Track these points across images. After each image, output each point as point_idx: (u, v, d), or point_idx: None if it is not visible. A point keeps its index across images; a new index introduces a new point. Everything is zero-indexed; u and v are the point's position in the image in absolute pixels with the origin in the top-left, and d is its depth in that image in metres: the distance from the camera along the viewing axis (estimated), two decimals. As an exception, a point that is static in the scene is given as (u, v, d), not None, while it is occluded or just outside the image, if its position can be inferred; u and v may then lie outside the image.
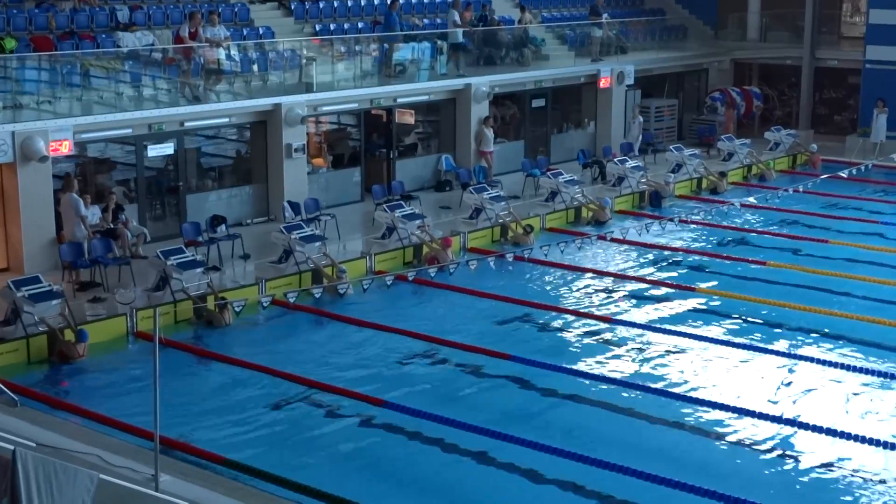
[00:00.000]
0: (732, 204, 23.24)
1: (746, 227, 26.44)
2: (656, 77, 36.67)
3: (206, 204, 24.42)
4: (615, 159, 30.33)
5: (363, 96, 27.61)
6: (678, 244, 24.93)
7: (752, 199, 25.00)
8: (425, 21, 31.47)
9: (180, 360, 17.46)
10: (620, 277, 22.51)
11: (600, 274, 22.68)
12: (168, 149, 23.99)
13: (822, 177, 26.05)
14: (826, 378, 17.34)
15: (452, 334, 18.80)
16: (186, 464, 13.65)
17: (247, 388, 16.69)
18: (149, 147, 23.62)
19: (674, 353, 18.44)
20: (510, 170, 30.16)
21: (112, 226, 21.58)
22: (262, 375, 17.00)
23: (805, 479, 14.14)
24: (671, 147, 32.36)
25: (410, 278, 20.08)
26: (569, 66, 33.54)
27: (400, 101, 28.73)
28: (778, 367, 17.77)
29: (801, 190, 24.74)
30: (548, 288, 21.98)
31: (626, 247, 24.23)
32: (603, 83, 33.22)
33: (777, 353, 18.33)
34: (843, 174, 25.12)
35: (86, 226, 20.85)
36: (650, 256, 24.08)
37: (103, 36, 24.70)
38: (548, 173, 28.36)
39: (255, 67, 26.77)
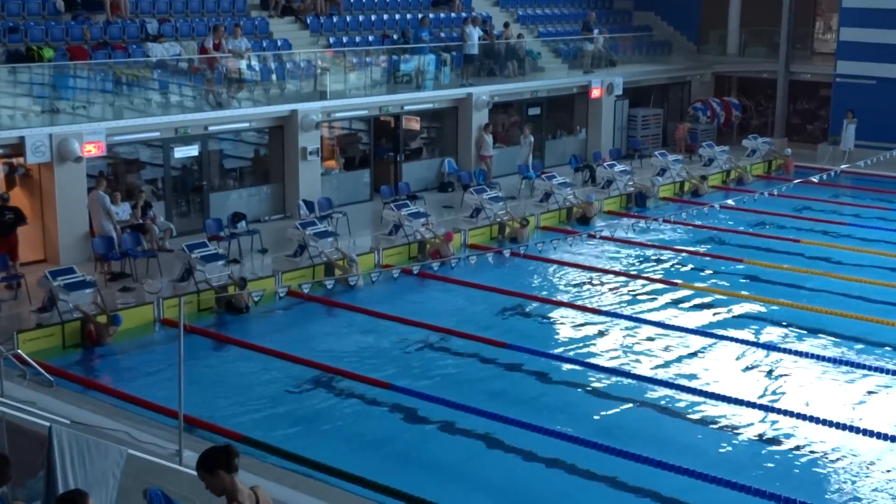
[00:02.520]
0: (712, 206, 23.17)
1: (724, 227, 26.40)
2: (643, 88, 36.63)
3: (227, 202, 24.43)
4: (605, 164, 30.38)
5: (373, 104, 27.62)
6: (662, 242, 24.88)
7: (730, 202, 25.00)
8: (425, 33, 31.34)
9: (203, 345, 17.46)
10: (608, 272, 22.49)
11: (590, 269, 22.66)
12: (193, 151, 24.00)
13: (795, 181, 26.01)
14: (802, 367, 17.33)
15: (454, 324, 18.78)
16: (208, 440, 13.64)
17: (263, 371, 16.69)
18: (175, 149, 23.62)
19: (657, 342, 18.43)
20: (507, 172, 30.13)
21: (141, 221, 21.58)
22: (278, 360, 16.99)
23: (781, 460, 14.15)
24: (656, 153, 32.36)
25: (415, 271, 20.07)
26: (562, 78, 33.53)
27: (406, 108, 28.74)
28: (748, 356, 17.79)
29: (775, 193, 24.72)
30: (542, 281, 21.97)
31: (613, 244, 24.19)
32: (594, 94, 33.22)
33: (747, 342, 18.36)
34: (815, 179, 25.11)
35: (113, 221, 20.85)
36: (636, 253, 24.05)
37: (134, 46, 24.67)
38: (542, 176, 28.40)
39: (274, 76, 26.76)
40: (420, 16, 31.43)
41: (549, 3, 37.77)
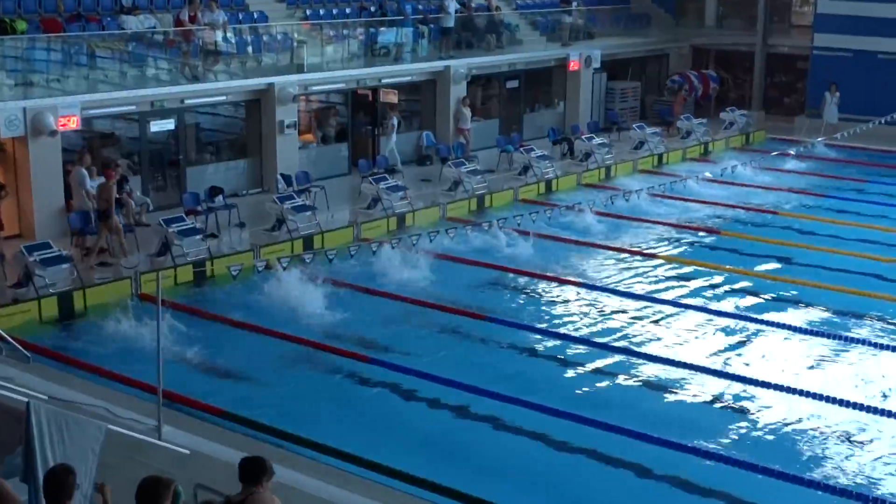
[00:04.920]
0: (691, 178, 23.28)
1: (706, 199, 26.43)
2: (621, 61, 36.55)
3: (204, 176, 24.25)
4: (583, 136, 30.35)
5: (350, 77, 27.46)
6: (641, 214, 24.90)
7: (708, 174, 25.06)
8: (408, 6, 31.17)
9: (180, 320, 17.34)
10: (587, 245, 22.51)
11: (569, 242, 22.66)
12: (169, 125, 23.78)
13: (773, 154, 26.08)
14: (778, 338, 17.44)
15: (432, 297, 18.77)
16: (187, 415, 13.61)
17: (242, 345, 16.64)
18: (151, 123, 23.40)
19: (634, 313, 18.49)
20: (486, 146, 30.06)
21: (117, 196, 21.39)
22: (257, 334, 16.96)
23: (752, 428, 14.26)
24: (634, 126, 32.36)
25: (394, 245, 20.03)
26: (540, 51, 33.40)
27: (384, 81, 28.59)
28: (731, 328, 17.88)
29: (754, 166, 24.79)
30: (520, 254, 21.92)
31: (593, 216, 24.17)
32: (572, 66, 33.12)
33: (729, 314, 18.44)
34: (792, 151, 25.19)
35: (90, 198, 20.66)
36: (615, 225, 24.06)
37: (108, 18, 24.39)
38: (520, 149, 28.35)
39: (250, 49, 26.52)
40: (397, -12, 31.25)
41: (526, -24, 37.59)
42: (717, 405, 14.98)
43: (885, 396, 15.16)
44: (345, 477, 12.01)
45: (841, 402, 14.66)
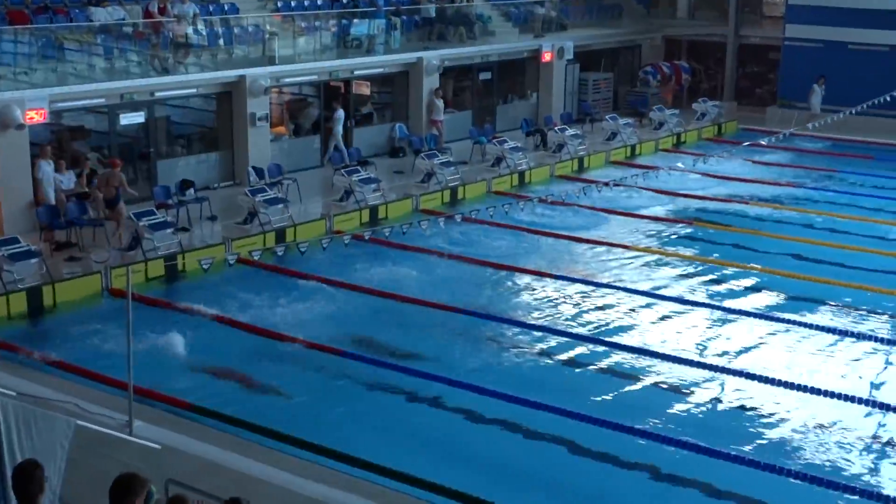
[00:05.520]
0: (661, 169, 23.32)
1: (678, 190, 26.51)
2: (594, 52, 36.60)
3: (175, 169, 24.11)
4: (556, 128, 30.38)
5: (322, 69, 27.36)
6: (613, 206, 24.95)
7: (679, 165, 25.14)
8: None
9: (151, 315, 17.26)
10: (561, 236, 22.54)
11: (541, 234, 22.69)
12: (139, 117, 23.62)
13: (745, 144, 26.19)
14: (749, 327, 17.53)
15: (405, 289, 18.74)
16: (158, 410, 13.55)
17: (214, 340, 16.55)
18: (121, 116, 23.23)
19: (609, 303, 18.54)
20: (459, 137, 30.04)
21: (87, 190, 21.26)
22: (228, 328, 16.88)
23: (728, 418, 14.33)
24: (607, 117, 32.43)
25: (367, 238, 19.99)
26: (513, 42, 33.40)
27: (357, 73, 28.52)
28: (695, 316, 17.96)
29: (724, 155, 24.90)
30: (494, 246, 21.94)
31: (565, 208, 24.22)
32: (545, 58, 33.13)
33: (695, 303, 18.54)
34: (763, 142, 25.31)
35: (55, 191, 20.53)
36: (588, 216, 24.10)
37: (76, 10, 24.21)
38: (493, 141, 28.36)
39: (221, 41, 26.38)
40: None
41: (499, -33, 37.57)
42: (693, 395, 15.03)
43: (874, 386, 15.30)
44: (317, 470, 12.00)
45: (814, 391, 14.74)
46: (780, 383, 14.94)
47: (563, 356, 16.30)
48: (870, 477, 12.78)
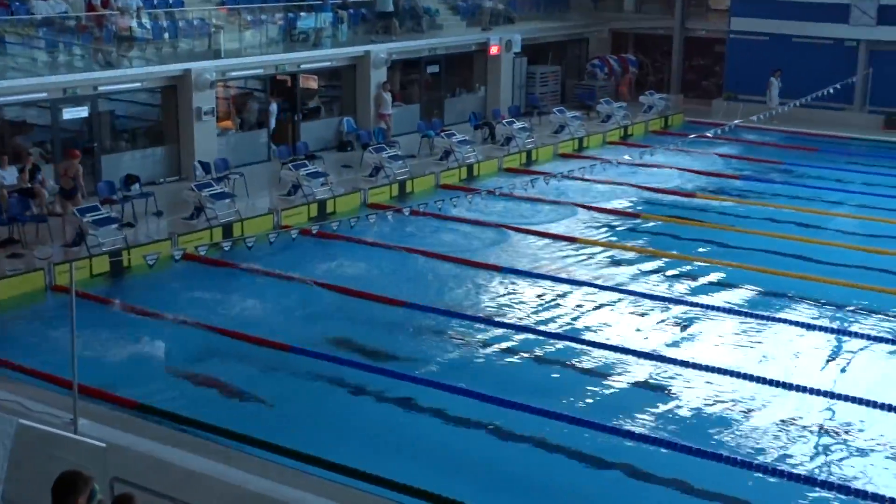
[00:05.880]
0: (610, 161, 23.45)
1: (625, 182, 26.71)
2: (541, 45, 36.74)
3: (120, 164, 23.86)
4: (504, 121, 30.50)
5: (269, 62, 27.22)
6: (561, 198, 25.08)
7: (627, 157, 25.33)
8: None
9: (96, 312, 17.09)
10: (509, 228, 22.62)
11: (491, 226, 22.76)
12: (82, 112, 23.33)
13: (691, 136, 26.44)
14: (696, 317, 17.71)
15: (354, 283, 18.72)
16: (104, 408, 13.43)
17: (160, 337, 16.37)
18: (64, 110, 22.93)
19: (558, 297, 18.64)
20: (407, 131, 30.03)
21: (29, 185, 20.98)
22: (175, 325, 16.73)
23: (672, 407, 14.46)
24: (555, 110, 32.58)
25: (314, 232, 19.93)
26: (461, 35, 33.46)
27: (304, 67, 28.40)
28: (646, 308, 18.11)
29: (671, 148, 25.12)
30: (442, 239, 21.98)
31: (513, 200, 24.31)
32: (492, 51, 33.23)
33: (645, 294, 18.68)
34: (709, 134, 25.59)
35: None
36: (535, 209, 24.21)
37: (17, 3, 23.87)
38: (441, 134, 28.39)
39: (166, 35, 26.15)
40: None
41: (446, -40, 37.59)
42: (642, 386, 15.16)
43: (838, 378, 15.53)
44: (265, 467, 11.97)
45: (771, 382, 14.93)
46: (725, 372, 15.17)
47: (507, 347, 16.36)
48: (833, 468, 12.90)
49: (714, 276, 19.84)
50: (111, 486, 9.77)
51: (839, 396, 14.50)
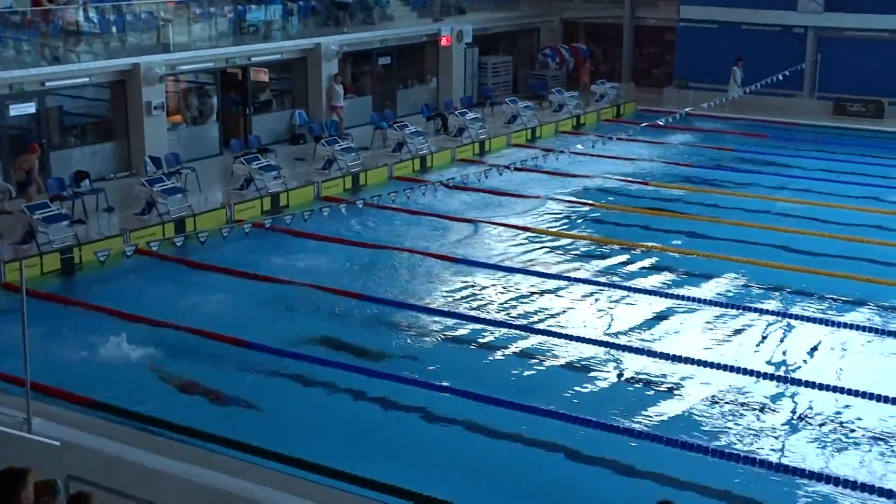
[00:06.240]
0: (563, 151, 23.61)
1: (578, 172, 26.85)
2: (492, 36, 36.84)
3: (69, 160, 23.61)
4: (456, 112, 30.54)
5: (219, 56, 27.04)
6: (515, 189, 25.18)
7: (580, 147, 25.48)
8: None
9: (47, 310, 16.93)
10: (463, 220, 22.68)
11: (445, 217, 22.81)
12: (30, 108, 23.04)
13: (642, 124, 26.66)
14: (648, 305, 17.87)
15: (309, 277, 18.69)
16: (58, 407, 13.32)
17: (112, 333, 16.25)
18: (10, 107, 22.63)
19: (514, 287, 18.72)
20: (359, 123, 30.00)
21: (-22, 183, 20.79)
22: (127, 322, 16.59)
23: (637, 396, 14.60)
24: (507, 100, 32.68)
25: (267, 226, 19.88)
26: (412, 26, 33.44)
27: (254, 60, 28.27)
28: (601, 296, 18.25)
29: (623, 137, 25.29)
30: (396, 231, 21.99)
31: (467, 192, 24.38)
32: (444, 42, 33.27)
33: (600, 283, 18.82)
34: (661, 122, 25.81)
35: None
36: (489, 200, 24.28)
37: (-39, -1, 23.60)
38: (394, 126, 28.38)
39: (114, 29, 25.91)
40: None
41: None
42: (598, 375, 15.28)
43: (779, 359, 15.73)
44: (221, 461, 11.93)
45: (710, 364, 15.14)
46: (678, 359, 15.36)
47: (469, 338, 16.43)
48: (794, 454, 13.09)
49: (665, 264, 20.02)
50: (66, 485, 9.70)
51: (798, 382, 14.80)
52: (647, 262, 20.15)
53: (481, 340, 16.37)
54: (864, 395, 14.18)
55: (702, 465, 12.55)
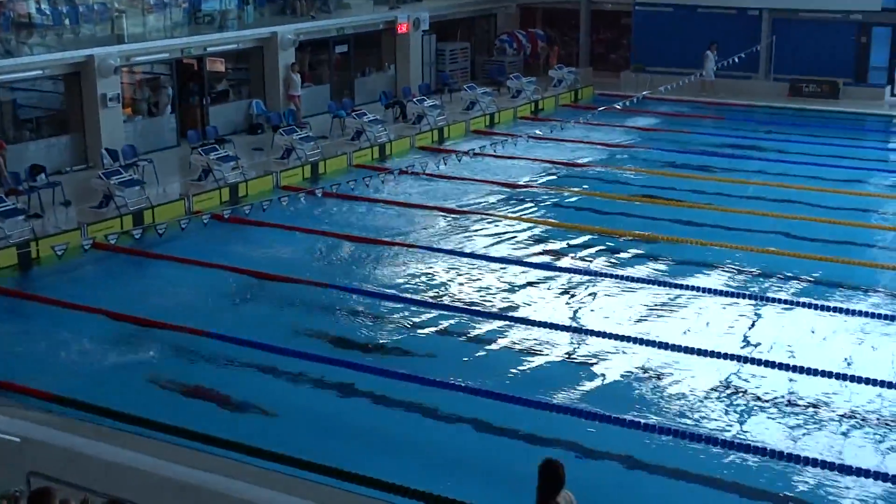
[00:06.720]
0: (521, 136, 23.66)
1: (538, 157, 26.94)
2: (449, 22, 36.81)
3: (24, 154, 23.36)
4: (415, 99, 30.52)
5: (174, 46, 26.84)
6: (475, 175, 25.22)
7: (538, 132, 25.56)
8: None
9: (5, 305, 16.83)
10: (423, 207, 22.71)
11: (405, 205, 22.82)
12: (-18, 102, 22.91)
13: (600, 109, 26.77)
14: (609, 289, 17.99)
15: (270, 267, 18.65)
16: (18, 402, 13.24)
17: (71, 327, 16.19)
18: (-37, 100, 22.51)
19: (474, 273, 18.77)
20: (317, 112, 29.92)
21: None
22: (86, 315, 16.49)
23: (593, 378, 14.70)
24: (465, 86, 32.71)
25: (226, 217, 19.80)
26: (368, 14, 33.35)
27: (210, 50, 28.08)
28: (562, 281, 18.35)
29: (581, 122, 25.38)
30: (357, 219, 21.98)
31: (427, 179, 24.41)
32: (401, 29, 33.21)
33: (561, 268, 18.93)
34: (618, 106, 25.94)
35: None
36: (449, 187, 24.32)
37: None
38: (353, 114, 28.33)
39: (67, 21, 25.68)
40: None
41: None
42: (553, 357, 15.37)
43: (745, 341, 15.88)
44: (184, 454, 11.92)
45: (663, 345, 15.29)
46: (623, 338, 15.56)
47: (434, 327, 16.47)
48: (738, 430, 13.26)
49: (627, 247, 20.16)
50: (28, 481, 9.68)
51: (749, 360, 14.94)
52: (604, 246, 20.23)
53: (443, 326, 16.42)
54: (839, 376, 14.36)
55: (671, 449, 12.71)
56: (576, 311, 17.05)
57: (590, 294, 17.84)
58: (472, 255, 19.56)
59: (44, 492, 7.77)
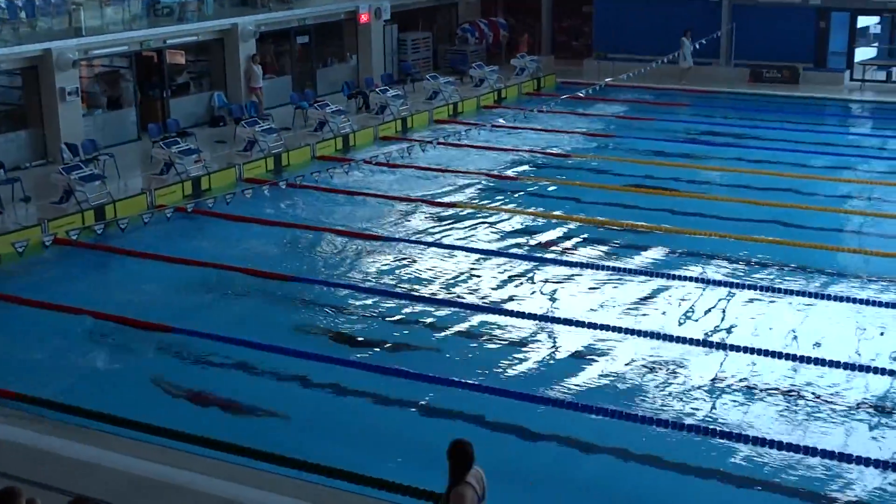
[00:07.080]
0: (485, 125, 23.64)
1: (501, 145, 26.93)
2: (411, 12, 36.70)
3: (-18, 150, 23.18)
4: (377, 89, 30.42)
5: (133, 39, 26.60)
6: (440, 164, 25.19)
7: (501, 121, 25.55)
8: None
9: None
10: (388, 198, 22.64)
11: (369, 195, 22.74)
12: (-62, 97, 22.58)
13: (563, 97, 26.80)
14: (583, 278, 18.02)
15: (234, 260, 18.51)
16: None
17: (32, 324, 15.99)
18: (-82, 97, 22.17)
19: (443, 263, 18.74)
20: (280, 103, 29.76)
21: None
22: (47, 312, 16.30)
23: (566, 368, 14.71)
24: (427, 76, 32.63)
25: (189, 210, 19.64)
26: (329, 4, 33.17)
27: (170, 42, 27.83)
28: (523, 270, 18.37)
29: (545, 110, 25.38)
30: (321, 211, 21.88)
31: (391, 170, 24.33)
32: (362, 19, 33.09)
33: (527, 258, 18.93)
34: (581, 94, 25.97)
35: None
36: (414, 177, 24.26)
37: None
38: (315, 105, 28.20)
39: (23, 14, 25.37)
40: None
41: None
42: (527, 349, 15.38)
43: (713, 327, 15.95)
44: (150, 450, 11.83)
45: (631, 332, 15.33)
46: (596, 326, 15.59)
47: (402, 315, 16.44)
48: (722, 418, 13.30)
49: (593, 236, 20.19)
50: (-8, 481, 9.55)
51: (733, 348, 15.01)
52: (569, 233, 20.26)
53: (410, 314, 16.38)
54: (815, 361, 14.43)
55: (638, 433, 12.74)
56: (545, 300, 17.06)
57: (572, 284, 17.78)
58: (438, 245, 19.52)
59: (10, 492, 7.64)
